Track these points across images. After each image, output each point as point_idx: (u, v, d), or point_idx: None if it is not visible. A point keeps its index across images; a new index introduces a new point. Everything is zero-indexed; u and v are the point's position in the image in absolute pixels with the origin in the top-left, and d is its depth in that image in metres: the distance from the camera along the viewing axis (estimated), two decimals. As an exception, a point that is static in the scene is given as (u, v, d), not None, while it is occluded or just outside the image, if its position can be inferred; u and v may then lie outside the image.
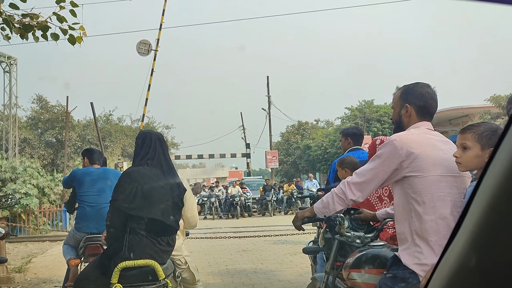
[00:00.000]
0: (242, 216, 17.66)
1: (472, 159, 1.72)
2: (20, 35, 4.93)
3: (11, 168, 12.86)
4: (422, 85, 2.06)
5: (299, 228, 2.32)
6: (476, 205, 0.48)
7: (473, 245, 0.47)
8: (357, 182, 1.99)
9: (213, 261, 7.29)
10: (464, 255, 0.48)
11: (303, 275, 5.73)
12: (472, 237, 0.47)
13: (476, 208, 0.48)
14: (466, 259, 0.48)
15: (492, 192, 0.46)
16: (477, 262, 0.46)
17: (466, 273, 0.48)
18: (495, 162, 0.48)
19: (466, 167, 1.75)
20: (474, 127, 1.75)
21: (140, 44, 16.15)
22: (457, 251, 0.50)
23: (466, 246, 0.48)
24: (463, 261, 0.48)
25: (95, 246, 3.97)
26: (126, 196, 2.54)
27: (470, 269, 0.47)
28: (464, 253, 0.49)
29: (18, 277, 6.06)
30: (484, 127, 1.74)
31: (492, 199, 0.46)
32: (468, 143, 1.73)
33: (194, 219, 3.24)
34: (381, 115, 27.13)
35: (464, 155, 1.73)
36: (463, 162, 1.74)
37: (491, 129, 1.73)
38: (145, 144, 2.73)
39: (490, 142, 1.70)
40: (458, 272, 0.49)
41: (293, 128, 36.96)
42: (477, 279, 0.47)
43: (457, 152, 1.76)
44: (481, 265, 0.46)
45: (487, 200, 0.46)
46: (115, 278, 2.42)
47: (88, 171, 4.28)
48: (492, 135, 1.71)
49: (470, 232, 0.48)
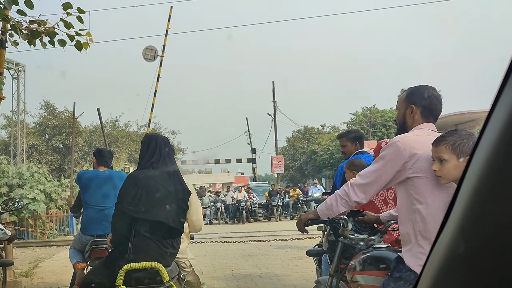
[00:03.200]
0: (248, 221, 17.64)
1: (451, 171, 1.72)
2: (28, 41, 4.99)
3: (18, 174, 12.96)
4: (427, 87, 2.07)
5: (303, 230, 2.32)
6: (463, 191, 0.49)
7: (462, 232, 0.48)
8: (361, 184, 1.99)
9: (218, 265, 7.29)
10: (453, 242, 0.50)
11: (308, 280, 5.70)
12: (460, 223, 0.49)
13: (464, 195, 0.49)
14: (456, 246, 0.49)
15: (477, 180, 0.48)
16: (465, 249, 0.47)
17: (456, 260, 0.49)
18: (479, 148, 0.49)
19: (448, 179, 1.75)
20: (446, 138, 1.75)
21: (146, 50, 16.25)
22: (447, 238, 0.51)
23: (455, 233, 0.49)
24: (453, 248, 0.49)
25: (100, 250, 3.99)
26: (131, 198, 2.56)
27: (459, 256, 0.48)
28: (453, 240, 0.50)
29: (25, 282, 6.10)
30: (456, 137, 1.74)
31: (478, 185, 0.48)
32: (444, 156, 1.72)
33: (199, 223, 3.24)
34: (386, 120, 27.06)
35: (443, 168, 1.73)
36: (443, 175, 1.74)
37: (463, 137, 1.74)
38: (150, 147, 2.75)
39: (464, 149, 1.71)
40: (448, 259, 0.50)
41: (299, 133, 36.96)
42: (465, 266, 0.48)
43: (435, 165, 1.75)
44: (469, 252, 0.47)
45: (474, 186, 0.48)
46: (120, 280, 2.44)
47: (93, 175, 4.31)
48: (466, 143, 1.72)
49: (459, 218, 0.49)
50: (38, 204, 12.00)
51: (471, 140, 1.73)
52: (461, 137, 1.73)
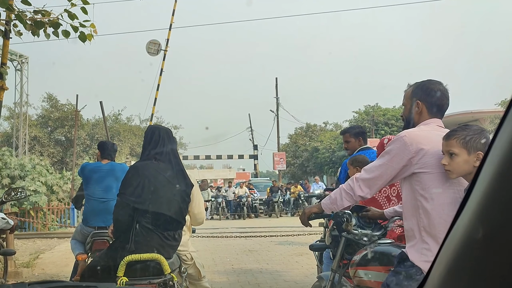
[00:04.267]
0: (248, 217, 17.67)
1: (461, 165, 1.71)
2: (32, 32, 4.98)
3: (20, 165, 12.98)
4: (434, 82, 2.04)
5: (306, 224, 2.31)
6: (483, 177, 0.48)
7: (480, 217, 0.47)
8: (366, 178, 1.98)
9: (219, 260, 7.30)
10: (471, 227, 0.49)
11: (308, 276, 5.70)
12: (479, 208, 0.48)
13: (483, 180, 0.48)
14: (474, 231, 0.48)
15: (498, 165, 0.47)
16: (484, 234, 0.46)
17: (473, 245, 0.48)
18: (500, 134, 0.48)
19: (457, 173, 1.74)
20: (457, 133, 1.74)
21: (149, 44, 16.23)
22: (464, 224, 0.50)
23: (473, 218, 0.48)
24: (471, 233, 0.48)
25: (101, 242, 4.00)
26: (134, 189, 2.54)
27: (477, 241, 0.47)
28: (471, 225, 0.49)
29: (26, 272, 6.11)
30: (467, 131, 1.73)
31: (498, 170, 0.47)
32: (454, 150, 1.71)
33: (201, 216, 3.24)
34: (388, 118, 27.00)
35: (453, 162, 1.72)
36: (453, 169, 1.73)
37: (475, 132, 1.73)
38: (153, 138, 2.74)
39: (475, 145, 1.70)
40: (466, 245, 0.49)
41: (301, 130, 36.92)
42: (484, 251, 0.47)
43: (445, 159, 1.74)
44: (488, 237, 0.46)
45: (494, 171, 0.47)
46: (121, 271, 2.42)
47: (96, 168, 4.32)
48: (477, 138, 1.70)
49: (478, 203, 0.48)
50: (40, 196, 12.02)
51: (482, 135, 1.71)
52: (472, 132, 1.72)
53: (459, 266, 0.51)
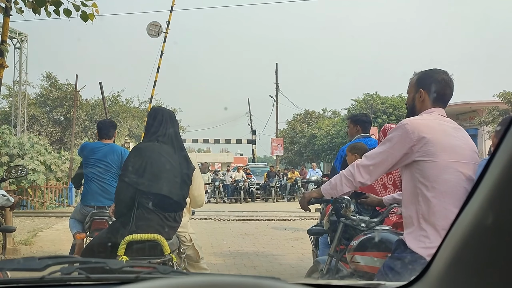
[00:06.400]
0: (245, 201, 17.79)
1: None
2: (33, 9, 4.93)
3: (19, 144, 12.97)
4: (439, 71, 2.04)
5: (305, 207, 2.34)
6: (496, 163, 0.49)
7: (491, 203, 0.48)
8: (367, 165, 1.99)
9: (215, 242, 7.37)
10: (481, 213, 0.50)
11: (303, 260, 5.78)
12: (491, 194, 0.49)
13: (496, 166, 0.49)
14: (484, 217, 0.49)
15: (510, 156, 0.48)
16: (494, 220, 0.47)
17: (482, 231, 0.49)
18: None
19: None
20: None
21: (150, 26, 16.04)
22: (474, 210, 0.51)
23: (484, 204, 0.49)
24: (481, 219, 0.49)
25: (101, 221, 4.01)
26: (136, 170, 2.56)
27: (487, 227, 0.48)
28: (481, 212, 0.50)
29: (24, 249, 6.18)
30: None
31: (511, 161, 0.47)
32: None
33: (201, 198, 3.27)
34: (387, 107, 26.95)
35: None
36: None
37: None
38: (156, 120, 2.74)
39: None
40: (475, 230, 0.51)
41: (300, 116, 36.91)
42: (494, 237, 0.48)
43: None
44: (498, 222, 0.47)
45: (508, 158, 0.48)
46: (121, 250, 2.46)
47: (96, 147, 4.31)
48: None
49: (489, 190, 0.49)
50: (38, 175, 12.05)
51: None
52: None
53: (466, 252, 0.52)
